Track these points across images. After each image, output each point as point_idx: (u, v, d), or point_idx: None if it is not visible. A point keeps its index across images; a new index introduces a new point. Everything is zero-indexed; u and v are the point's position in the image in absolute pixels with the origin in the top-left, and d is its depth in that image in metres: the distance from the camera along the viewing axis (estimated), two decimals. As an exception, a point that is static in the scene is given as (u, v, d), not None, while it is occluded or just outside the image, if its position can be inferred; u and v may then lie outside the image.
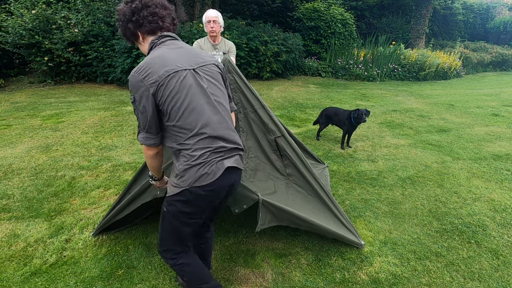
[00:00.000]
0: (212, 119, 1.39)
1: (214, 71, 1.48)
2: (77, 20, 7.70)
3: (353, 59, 10.81)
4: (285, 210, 2.02)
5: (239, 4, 12.14)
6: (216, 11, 3.25)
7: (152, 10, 1.35)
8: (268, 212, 2.01)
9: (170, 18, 1.42)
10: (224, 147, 1.42)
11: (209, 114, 1.39)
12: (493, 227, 2.65)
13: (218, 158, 1.39)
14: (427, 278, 2.08)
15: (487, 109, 6.93)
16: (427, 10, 14.25)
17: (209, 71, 1.46)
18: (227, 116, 1.48)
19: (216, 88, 1.47)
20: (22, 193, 2.99)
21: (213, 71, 1.48)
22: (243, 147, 1.53)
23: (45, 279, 2.00)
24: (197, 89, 1.37)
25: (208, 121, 1.38)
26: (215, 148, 1.39)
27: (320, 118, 4.58)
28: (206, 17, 3.24)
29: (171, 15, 1.43)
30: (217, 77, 1.49)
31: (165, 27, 1.40)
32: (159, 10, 1.37)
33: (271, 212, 2.02)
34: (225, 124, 1.45)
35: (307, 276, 2.07)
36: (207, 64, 1.46)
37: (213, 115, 1.40)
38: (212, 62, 1.48)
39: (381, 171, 3.63)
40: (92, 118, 5.36)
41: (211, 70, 1.47)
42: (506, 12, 18.73)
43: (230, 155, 1.44)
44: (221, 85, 1.51)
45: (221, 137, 1.41)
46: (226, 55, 2.23)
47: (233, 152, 1.46)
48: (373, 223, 2.66)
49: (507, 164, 3.92)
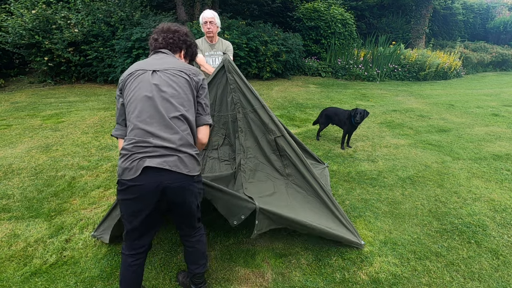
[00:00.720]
0: (145, 112, 1.43)
1: (178, 76, 1.53)
2: (77, 20, 7.70)
3: (353, 59, 10.81)
4: (283, 216, 2.02)
5: (239, 4, 12.14)
6: (212, 12, 3.25)
7: (153, 37, 1.70)
8: (266, 218, 2.01)
9: (162, 38, 1.67)
10: (151, 144, 1.39)
11: (144, 106, 1.43)
12: (493, 227, 2.65)
13: (140, 155, 1.39)
14: (427, 278, 2.08)
15: (487, 109, 6.93)
16: (427, 10, 14.25)
17: (172, 74, 1.52)
18: (171, 114, 1.46)
19: (172, 88, 1.48)
20: (22, 193, 2.99)
21: (178, 76, 1.53)
22: (184, 149, 1.45)
23: (45, 279, 2.00)
24: (146, 84, 1.48)
25: (141, 113, 1.43)
26: (139, 142, 1.40)
27: (320, 118, 4.58)
28: (203, 18, 3.24)
29: (168, 36, 1.67)
30: (179, 82, 1.52)
31: (157, 46, 1.67)
32: (156, 35, 1.68)
33: (269, 218, 2.02)
34: (162, 121, 1.42)
35: (307, 276, 2.07)
36: (174, 70, 1.54)
37: (148, 108, 1.43)
38: (183, 70, 1.55)
39: (381, 171, 3.63)
40: (92, 118, 5.36)
41: (175, 74, 1.53)
42: (506, 12, 18.73)
43: (156, 155, 1.39)
44: (182, 89, 1.51)
45: (151, 132, 1.41)
46: (226, 55, 2.23)
47: (161, 152, 1.40)
48: (373, 223, 2.66)
49: (507, 164, 3.92)
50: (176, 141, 1.43)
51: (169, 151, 1.41)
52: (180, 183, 1.45)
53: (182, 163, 1.44)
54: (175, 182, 1.43)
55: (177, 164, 1.42)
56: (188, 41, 1.75)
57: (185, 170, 1.44)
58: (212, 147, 2.63)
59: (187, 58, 1.82)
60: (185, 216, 1.64)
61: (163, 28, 1.70)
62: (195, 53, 1.84)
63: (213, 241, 2.38)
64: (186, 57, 1.80)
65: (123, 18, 8.22)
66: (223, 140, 2.61)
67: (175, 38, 1.68)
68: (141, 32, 7.29)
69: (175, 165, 1.41)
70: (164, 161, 1.39)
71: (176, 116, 1.47)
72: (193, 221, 1.70)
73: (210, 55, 3.37)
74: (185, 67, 1.58)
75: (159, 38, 1.67)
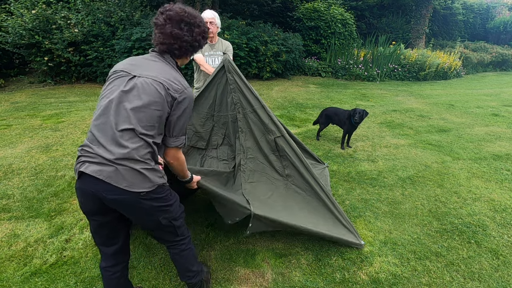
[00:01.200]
0: (102, 117, 1.38)
1: (152, 87, 1.38)
2: (77, 20, 7.70)
3: (353, 59, 10.81)
4: (278, 222, 2.04)
5: (239, 4, 12.14)
6: (212, 12, 3.25)
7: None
8: (261, 224, 2.03)
9: (161, 39, 1.47)
10: (93, 150, 1.35)
11: (104, 111, 1.38)
12: (493, 227, 2.65)
13: (83, 158, 1.37)
14: (427, 278, 2.08)
15: (487, 109, 6.93)
16: (427, 10, 14.25)
17: (148, 84, 1.39)
18: (122, 126, 1.34)
19: (139, 100, 1.37)
20: (22, 193, 2.99)
21: (151, 87, 1.38)
22: (124, 163, 1.34)
23: (45, 279, 2.00)
24: (116, 90, 1.40)
25: (98, 117, 1.39)
26: (86, 146, 1.38)
27: (320, 118, 4.58)
28: (203, 18, 3.22)
29: (166, 37, 1.46)
30: (151, 94, 1.38)
31: (154, 44, 1.52)
32: (155, 32, 1.50)
33: (264, 224, 2.04)
34: (109, 131, 1.34)
35: (307, 276, 2.07)
36: (153, 79, 1.40)
37: (104, 116, 1.37)
38: (163, 83, 1.40)
39: (381, 171, 3.63)
40: (92, 118, 5.36)
41: (149, 85, 1.39)
42: (506, 12, 18.73)
43: (95, 161, 1.34)
44: (149, 103, 1.37)
45: (97, 139, 1.36)
46: (226, 55, 2.23)
47: (100, 160, 1.34)
48: (373, 223, 2.66)
49: (507, 164, 3.92)
50: (116, 153, 1.33)
51: (107, 162, 1.33)
52: (118, 197, 1.36)
53: (119, 176, 1.33)
54: (111, 195, 1.35)
55: (111, 176, 1.32)
56: (197, 45, 1.58)
57: (122, 184, 1.33)
58: (212, 147, 2.63)
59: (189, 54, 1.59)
60: (150, 229, 1.61)
61: (158, 23, 1.55)
62: (194, 45, 1.57)
63: (213, 241, 2.38)
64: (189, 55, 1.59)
65: (123, 18, 8.22)
66: (222, 139, 2.61)
67: (183, 46, 1.52)
68: (141, 32, 7.29)
69: (109, 177, 1.32)
70: (100, 170, 1.33)
71: (127, 129, 1.35)
72: (163, 235, 1.63)
73: (209, 55, 3.37)
74: (168, 79, 1.42)
75: (157, 37, 1.51)
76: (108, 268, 1.59)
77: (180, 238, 1.67)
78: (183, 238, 1.68)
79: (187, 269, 1.73)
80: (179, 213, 1.62)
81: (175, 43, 1.47)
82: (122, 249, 1.62)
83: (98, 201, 1.39)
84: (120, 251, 1.60)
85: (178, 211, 1.62)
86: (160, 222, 1.52)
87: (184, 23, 1.47)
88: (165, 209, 1.52)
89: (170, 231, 1.61)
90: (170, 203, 1.54)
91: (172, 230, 1.61)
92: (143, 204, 1.42)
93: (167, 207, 1.53)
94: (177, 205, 1.61)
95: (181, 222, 1.64)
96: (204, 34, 1.58)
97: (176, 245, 1.67)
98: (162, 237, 1.65)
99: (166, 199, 1.51)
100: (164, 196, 1.49)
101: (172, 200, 1.56)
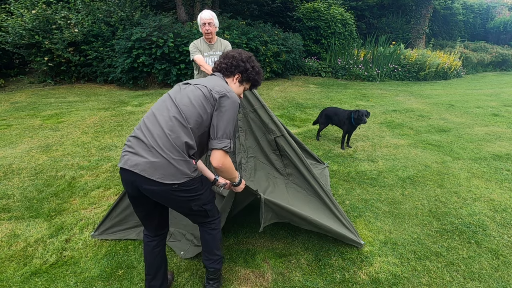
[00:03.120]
0: (147, 117, 1.57)
1: (198, 89, 1.60)
2: (77, 20, 7.70)
3: (353, 59, 10.81)
4: (285, 208, 2.02)
5: (239, 4, 12.14)
6: (210, 12, 3.24)
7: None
8: (270, 211, 2.02)
9: (219, 63, 1.81)
10: (132, 148, 1.51)
11: (150, 114, 1.58)
12: (493, 227, 2.65)
13: (124, 154, 1.52)
14: (427, 278, 2.08)
15: (487, 109, 6.93)
16: (427, 10, 14.25)
17: (195, 88, 1.61)
18: (167, 124, 1.49)
19: (187, 99, 1.57)
20: (22, 193, 2.99)
21: (198, 89, 1.60)
22: (161, 152, 1.45)
23: (45, 279, 2.00)
24: (174, 90, 1.68)
25: (154, 108, 1.60)
26: (129, 141, 1.54)
27: (320, 118, 4.58)
28: (201, 19, 3.22)
29: (223, 61, 1.79)
30: (196, 94, 1.57)
31: (213, 69, 1.85)
32: (218, 59, 1.86)
33: (272, 211, 2.03)
34: (147, 132, 1.50)
35: (307, 276, 2.07)
36: (200, 85, 1.62)
37: (161, 107, 1.58)
38: (207, 86, 1.60)
39: (381, 171, 3.63)
40: (92, 118, 5.36)
41: (197, 88, 1.61)
42: (506, 12, 18.73)
43: (134, 152, 1.49)
44: (195, 102, 1.55)
45: (138, 137, 1.52)
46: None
47: (138, 151, 1.48)
48: (373, 223, 2.66)
49: (507, 164, 3.92)
50: (158, 141, 1.46)
51: (145, 152, 1.46)
52: (151, 187, 1.47)
53: (152, 168, 1.44)
54: (145, 185, 1.47)
55: (145, 169, 1.44)
56: (242, 66, 1.76)
57: (155, 176, 1.44)
58: None
59: (245, 83, 1.82)
60: (183, 214, 1.73)
61: (225, 53, 1.83)
62: (253, 78, 1.81)
63: (213, 241, 2.38)
64: (243, 82, 1.81)
65: (123, 18, 8.22)
66: None
67: (228, 63, 1.76)
68: (141, 32, 7.29)
69: (143, 170, 1.44)
70: (135, 164, 1.45)
71: (176, 118, 1.51)
72: (195, 218, 1.76)
73: (209, 55, 3.36)
74: (214, 84, 1.62)
75: (217, 62, 1.81)
76: (148, 235, 1.77)
77: (211, 219, 1.78)
78: (214, 219, 1.80)
79: (213, 252, 1.83)
80: (209, 198, 1.72)
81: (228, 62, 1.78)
82: (159, 224, 1.76)
83: (136, 189, 1.52)
84: (158, 226, 1.76)
85: (209, 196, 1.71)
86: (192, 208, 1.63)
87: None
88: (196, 198, 1.60)
89: (201, 214, 1.72)
90: (201, 192, 1.62)
91: (204, 214, 1.72)
92: (175, 195, 1.51)
93: (198, 196, 1.61)
94: (208, 192, 1.70)
95: (211, 206, 1.74)
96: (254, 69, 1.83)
97: (207, 224, 1.79)
98: (195, 219, 1.78)
99: (197, 189, 1.59)
100: (195, 187, 1.57)
101: (203, 189, 1.64)
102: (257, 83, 1.86)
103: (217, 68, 1.80)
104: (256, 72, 1.81)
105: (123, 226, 2.39)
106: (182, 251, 2.22)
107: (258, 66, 1.82)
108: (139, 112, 5.79)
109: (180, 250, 2.24)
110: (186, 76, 7.89)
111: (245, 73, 1.78)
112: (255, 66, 1.80)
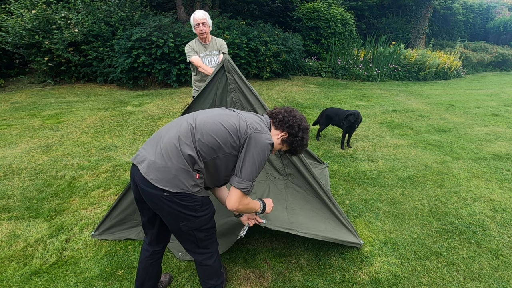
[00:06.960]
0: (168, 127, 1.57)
1: (228, 118, 1.57)
2: (77, 20, 7.70)
3: (353, 59, 10.80)
4: (277, 227, 2.03)
5: (239, 4, 12.14)
6: (203, 12, 3.23)
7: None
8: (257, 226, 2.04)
9: (277, 112, 1.70)
10: (145, 145, 1.54)
11: (180, 120, 1.60)
12: (493, 227, 2.65)
13: (139, 151, 1.54)
14: (427, 278, 2.08)
15: (487, 109, 6.93)
16: (427, 10, 14.25)
17: (229, 115, 1.59)
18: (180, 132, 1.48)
19: (216, 120, 1.55)
20: (22, 193, 2.99)
21: (228, 118, 1.57)
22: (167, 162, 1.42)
23: (45, 279, 2.00)
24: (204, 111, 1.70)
25: (175, 120, 1.62)
26: (145, 144, 1.56)
27: (320, 118, 4.58)
28: (194, 19, 3.21)
29: (282, 112, 1.69)
30: (227, 120, 1.55)
31: (269, 114, 1.75)
32: (278, 109, 1.75)
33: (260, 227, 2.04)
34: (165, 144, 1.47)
35: (307, 276, 2.07)
36: (234, 115, 1.60)
37: (174, 121, 1.60)
38: (239, 117, 1.58)
39: (381, 171, 3.63)
40: (92, 118, 5.36)
41: (229, 115, 1.59)
42: (506, 12, 18.72)
43: (141, 152, 1.51)
44: (226, 125, 1.52)
45: (153, 138, 1.55)
46: (226, 55, 2.23)
47: (142, 152, 1.51)
48: (373, 223, 2.66)
49: (507, 164, 3.91)
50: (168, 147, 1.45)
51: (152, 151, 1.47)
52: (146, 187, 1.43)
53: (151, 167, 1.42)
54: (141, 183, 1.45)
55: (146, 167, 1.43)
56: (295, 130, 1.65)
57: (150, 176, 1.41)
58: None
59: (286, 144, 1.69)
60: (170, 230, 1.61)
61: (290, 109, 1.73)
62: (295, 146, 1.69)
63: (213, 241, 2.38)
64: (285, 142, 1.68)
65: (123, 18, 8.22)
66: None
67: (286, 117, 1.66)
68: (141, 32, 7.29)
69: (144, 167, 1.44)
70: (142, 160, 1.48)
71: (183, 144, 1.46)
72: (182, 242, 1.61)
73: (205, 55, 3.35)
74: (247, 120, 1.56)
75: (277, 110, 1.72)
76: (144, 246, 1.74)
77: (202, 250, 1.63)
78: (206, 252, 1.64)
79: (206, 283, 1.71)
80: (206, 227, 1.56)
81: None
82: (158, 235, 1.69)
83: (137, 189, 1.51)
84: (155, 236, 1.69)
85: (206, 224, 1.55)
86: (180, 227, 1.50)
87: None
88: (188, 217, 1.48)
89: (190, 239, 1.57)
90: (195, 215, 1.49)
91: (193, 240, 1.57)
92: (165, 204, 1.43)
93: (191, 216, 1.48)
94: (206, 219, 1.54)
95: (205, 236, 1.58)
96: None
97: (197, 255, 1.65)
98: (183, 243, 1.62)
99: (192, 208, 1.47)
100: (190, 205, 1.46)
101: (200, 213, 1.51)
102: (296, 153, 1.74)
103: (272, 115, 1.70)
104: (301, 144, 1.69)
105: (123, 226, 2.39)
106: (180, 252, 2.22)
107: (307, 140, 1.72)
108: (139, 112, 5.79)
109: (178, 251, 2.23)
110: (186, 76, 7.89)
111: (292, 137, 1.66)
112: (305, 139, 1.70)
